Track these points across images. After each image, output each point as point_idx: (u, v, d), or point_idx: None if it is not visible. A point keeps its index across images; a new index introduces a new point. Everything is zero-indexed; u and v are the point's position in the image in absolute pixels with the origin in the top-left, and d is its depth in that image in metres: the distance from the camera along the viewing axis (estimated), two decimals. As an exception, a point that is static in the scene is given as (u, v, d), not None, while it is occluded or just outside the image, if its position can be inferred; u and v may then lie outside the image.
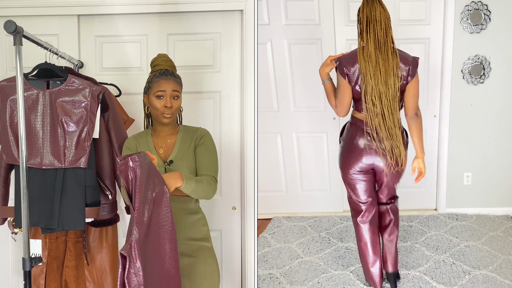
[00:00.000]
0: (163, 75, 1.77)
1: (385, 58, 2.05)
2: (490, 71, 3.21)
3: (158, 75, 1.77)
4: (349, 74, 2.09)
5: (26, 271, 1.74)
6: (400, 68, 2.07)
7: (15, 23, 1.62)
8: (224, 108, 2.49)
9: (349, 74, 2.09)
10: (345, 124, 2.31)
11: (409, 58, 2.10)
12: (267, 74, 3.24)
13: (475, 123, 3.30)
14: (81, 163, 1.90)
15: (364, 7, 2.07)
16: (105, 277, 2.16)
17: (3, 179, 2.02)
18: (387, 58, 2.05)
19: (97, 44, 2.46)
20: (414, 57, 2.13)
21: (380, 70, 2.04)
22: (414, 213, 3.42)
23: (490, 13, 3.14)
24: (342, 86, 2.12)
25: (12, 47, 2.42)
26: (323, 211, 3.49)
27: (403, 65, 2.08)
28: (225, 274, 2.49)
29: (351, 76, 2.09)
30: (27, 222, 1.72)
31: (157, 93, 1.75)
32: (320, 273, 2.55)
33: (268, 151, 3.40)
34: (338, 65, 2.12)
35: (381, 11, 2.06)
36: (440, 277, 2.47)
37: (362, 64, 2.04)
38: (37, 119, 1.91)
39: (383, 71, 2.04)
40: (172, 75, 1.78)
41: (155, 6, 2.39)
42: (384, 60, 2.05)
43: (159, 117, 1.77)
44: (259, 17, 3.09)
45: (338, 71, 2.13)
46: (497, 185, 3.38)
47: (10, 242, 2.48)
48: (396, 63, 2.06)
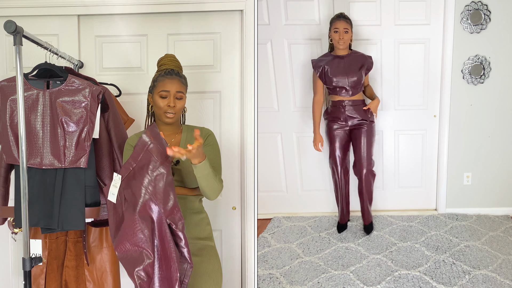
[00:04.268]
0: (168, 75, 1.77)
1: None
2: (490, 71, 3.21)
3: (163, 74, 1.77)
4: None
5: (26, 271, 1.74)
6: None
7: (15, 23, 1.62)
8: (224, 108, 2.49)
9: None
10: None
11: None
12: (267, 74, 3.24)
13: (475, 123, 3.30)
14: (81, 163, 1.90)
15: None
16: (105, 277, 2.16)
17: (3, 179, 2.02)
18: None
19: (97, 44, 2.46)
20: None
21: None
22: (414, 213, 3.42)
23: (490, 13, 3.14)
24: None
25: (12, 47, 2.42)
26: (323, 211, 3.49)
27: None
28: (225, 274, 2.49)
29: None
30: (27, 222, 1.73)
31: (161, 93, 1.75)
32: (320, 273, 2.55)
33: (268, 151, 3.40)
34: None
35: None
36: (440, 277, 2.47)
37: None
38: (37, 119, 1.91)
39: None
40: (178, 75, 1.78)
41: (155, 6, 2.39)
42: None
43: (162, 116, 1.77)
44: (259, 17, 3.09)
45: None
46: (497, 185, 3.38)
47: (10, 242, 2.48)
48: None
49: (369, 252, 2.78)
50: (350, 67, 2.86)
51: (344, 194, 3.05)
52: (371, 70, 2.96)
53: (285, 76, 3.25)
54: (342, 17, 2.85)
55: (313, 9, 3.13)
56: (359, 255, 2.75)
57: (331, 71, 2.86)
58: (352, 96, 2.88)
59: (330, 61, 2.89)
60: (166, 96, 1.75)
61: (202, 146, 1.54)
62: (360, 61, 2.90)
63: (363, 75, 2.89)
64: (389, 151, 3.38)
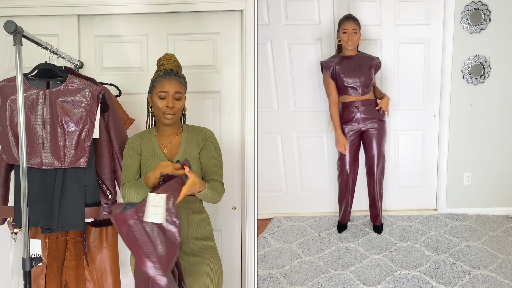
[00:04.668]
0: (166, 75, 1.76)
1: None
2: (490, 71, 3.21)
3: (162, 75, 1.77)
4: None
5: (26, 271, 1.74)
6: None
7: (15, 23, 1.62)
8: (224, 108, 2.49)
9: None
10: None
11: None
12: (267, 74, 3.24)
13: (475, 123, 3.30)
14: (81, 163, 1.90)
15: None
16: (105, 277, 2.16)
17: (3, 179, 2.02)
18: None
19: (97, 44, 2.46)
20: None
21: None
22: (414, 213, 3.42)
23: (490, 13, 3.13)
24: None
25: (12, 47, 2.42)
26: (323, 211, 3.49)
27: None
28: (225, 274, 2.49)
29: None
30: (27, 222, 1.73)
31: (160, 94, 1.75)
32: (320, 273, 2.55)
33: (268, 151, 3.40)
34: None
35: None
36: (440, 277, 2.47)
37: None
38: (37, 119, 1.91)
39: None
40: (176, 75, 1.78)
41: (155, 6, 2.39)
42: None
43: (161, 117, 1.77)
44: (259, 17, 3.09)
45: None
46: (497, 185, 3.38)
47: (10, 242, 2.48)
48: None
49: (369, 252, 2.78)
50: (360, 67, 2.88)
51: (351, 194, 3.05)
52: (379, 70, 2.97)
53: (285, 76, 3.25)
54: (351, 18, 2.86)
55: (313, 9, 3.13)
56: (359, 255, 2.75)
57: (342, 71, 2.87)
58: (363, 96, 2.89)
59: (340, 61, 2.90)
60: (165, 97, 1.75)
61: (196, 178, 1.56)
62: (369, 61, 2.92)
63: (373, 75, 2.91)
64: (389, 151, 3.38)
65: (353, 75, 2.87)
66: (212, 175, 1.81)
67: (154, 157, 1.78)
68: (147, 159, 1.78)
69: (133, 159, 1.79)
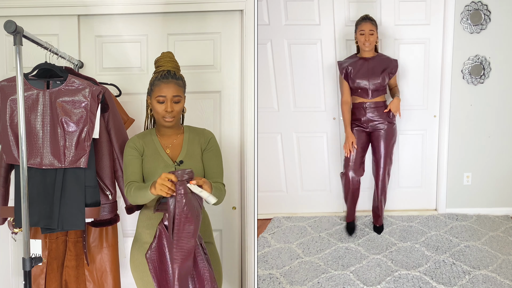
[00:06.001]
0: (164, 79, 1.75)
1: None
2: (490, 71, 3.21)
3: (159, 78, 1.76)
4: None
5: (26, 271, 1.74)
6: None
7: (15, 23, 1.62)
8: (224, 108, 2.49)
9: None
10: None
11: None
12: (267, 74, 3.24)
13: (475, 123, 3.30)
14: (81, 163, 1.90)
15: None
16: (105, 277, 2.15)
17: (3, 179, 2.02)
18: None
19: (97, 44, 2.46)
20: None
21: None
22: (414, 213, 3.41)
23: (490, 13, 3.13)
24: None
25: (12, 47, 2.42)
26: (323, 211, 3.49)
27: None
28: (225, 274, 2.49)
29: None
30: (27, 222, 1.73)
31: (158, 98, 1.75)
32: (320, 273, 2.55)
33: (268, 151, 3.40)
34: None
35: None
36: (440, 277, 2.47)
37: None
38: (37, 119, 1.91)
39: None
40: (174, 78, 1.76)
41: (155, 6, 2.39)
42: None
43: (161, 120, 1.77)
44: (259, 17, 3.09)
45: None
46: (497, 185, 3.38)
47: (10, 242, 2.48)
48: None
49: (369, 252, 2.78)
50: (373, 69, 2.86)
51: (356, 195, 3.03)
52: (395, 73, 2.95)
53: (285, 76, 3.25)
54: (368, 19, 2.85)
55: (313, 9, 3.13)
56: (359, 255, 2.75)
57: (354, 73, 2.86)
58: (373, 98, 2.89)
59: (354, 62, 2.90)
60: (163, 101, 1.74)
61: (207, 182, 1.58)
62: (384, 64, 2.90)
63: (386, 78, 2.88)
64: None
65: (364, 77, 2.86)
66: (214, 177, 1.82)
67: (157, 157, 1.78)
68: (150, 159, 1.78)
69: (136, 159, 1.79)
